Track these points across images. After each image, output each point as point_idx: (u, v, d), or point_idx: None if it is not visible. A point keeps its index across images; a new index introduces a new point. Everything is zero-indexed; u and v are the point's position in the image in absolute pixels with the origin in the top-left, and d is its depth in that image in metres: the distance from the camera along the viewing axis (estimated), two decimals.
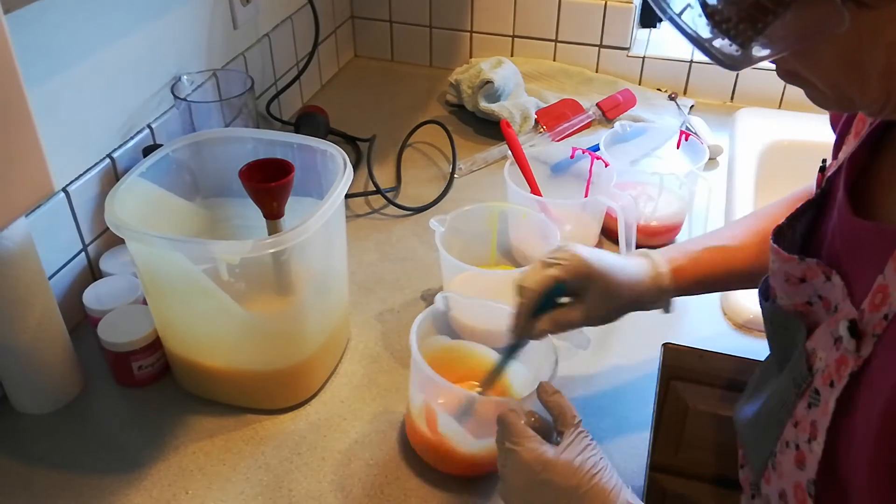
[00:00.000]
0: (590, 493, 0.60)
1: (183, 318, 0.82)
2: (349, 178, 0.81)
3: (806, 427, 0.55)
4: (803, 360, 0.56)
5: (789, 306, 0.60)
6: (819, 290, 0.57)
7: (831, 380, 0.52)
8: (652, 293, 0.74)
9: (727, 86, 1.45)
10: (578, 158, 1.08)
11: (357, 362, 0.92)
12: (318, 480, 0.78)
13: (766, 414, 0.61)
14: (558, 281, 0.69)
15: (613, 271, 0.71)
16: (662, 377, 0.93)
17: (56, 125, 0.87)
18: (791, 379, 0.58)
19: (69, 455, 0.80)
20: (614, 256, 0.73)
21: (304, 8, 1.38)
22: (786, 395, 0.58)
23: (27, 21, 0.80)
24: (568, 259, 0.69)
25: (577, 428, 0.64)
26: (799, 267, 0.57)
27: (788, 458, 0.57)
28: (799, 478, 0.55)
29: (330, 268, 0.87)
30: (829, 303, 0.56)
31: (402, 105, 1.46)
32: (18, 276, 0.76)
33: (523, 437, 0.63)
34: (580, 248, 0.71)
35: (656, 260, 0.75)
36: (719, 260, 0.76)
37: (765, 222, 0.78)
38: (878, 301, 0.49)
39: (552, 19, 1.48)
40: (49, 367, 0.83)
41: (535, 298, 0.69)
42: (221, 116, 1.05)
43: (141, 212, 0.79)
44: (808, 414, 0.55)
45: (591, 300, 0.70)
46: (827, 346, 0.54)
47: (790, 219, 0.61)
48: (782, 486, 0.58)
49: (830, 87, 0.48)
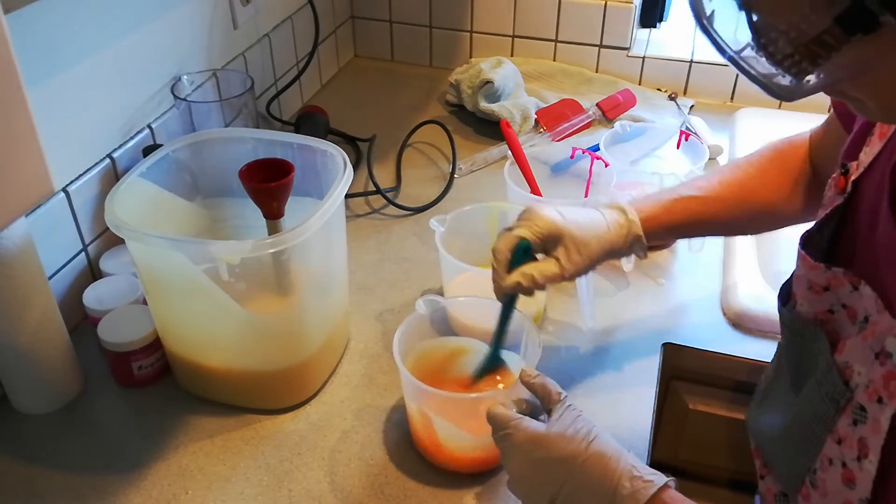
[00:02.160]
0: (589, 461, 0.61)
1: (183, 318, 0.82)
2: (349, 178, 0.81)
3: (853, 444, 0.54)
4: (835, 374, 0.55)
5: (809, 314, 0.60)
6: (843, 300, 0.56)
7: (878, 396, 0.52)
8: (622, 243, 0.76)
9: (727, 86, 1.45)
10: (578, 158, 1.08)
11: (357, 362, 0.92)
12: (318, 480, 0.78)
13: (799, 428, 0.61)
14: (522, 239, 0.72)
15: (580, 226, 0.73)
16: (662, 377, 0.93)
17: (56, 125, 0.87)
18: (824, 393, 0.57)
19: (69, 455, 0.80)
20: (583, 211, 0.76)
21: (304, 8, 1.38)
22: (819, 410, 0.57)
23: (27, 21, 0.80)
24: (534, 220, 0.72)
25: (563, 403, 0.66)
26: (824, 275, 0.57)
27: (834, 477, 0.55)
28: (849, 496, 0.54)
29: (330, 268, 0.87)
30: (854, 312, 0.55)
31: (402, 105, 1.46)
32: (18, 276, 0.76)
33: (512, 421, 0.65)
34: (546, 209, 0.73)
35: (627, 210, 0.77)
36: (693, 209, 0.79)
37: (737, 173, 0.81)
38: None
39: (552, 19, 1.48)
40: (49, 367, 0.83)
41: (504, 259, 0.72)
42: (221, 116, 1.05)
43: (141, 212, 0.79)
44: (853, 431, 0.54)
45: (563, 254, 0.72)
46: (866, 361, 0.53)
47: (819, 224, 0.61)
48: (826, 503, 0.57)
49: (882, 107, 0.48)
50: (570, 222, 0.73)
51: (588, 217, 0.75)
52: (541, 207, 0.74)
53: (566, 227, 0.72)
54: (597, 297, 0.99)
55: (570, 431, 0.62)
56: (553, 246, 0.73)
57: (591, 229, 0.74)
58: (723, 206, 0.79)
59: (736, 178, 0.80)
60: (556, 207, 0.74)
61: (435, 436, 0.76)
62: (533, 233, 0.72)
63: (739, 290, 0.98)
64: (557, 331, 0.96)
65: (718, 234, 0.86)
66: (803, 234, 0.61)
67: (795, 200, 0.80)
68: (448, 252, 0.89)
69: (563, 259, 0.72)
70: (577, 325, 0.97)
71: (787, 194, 0.80)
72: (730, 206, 0.79)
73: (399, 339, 0.76)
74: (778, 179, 0.80)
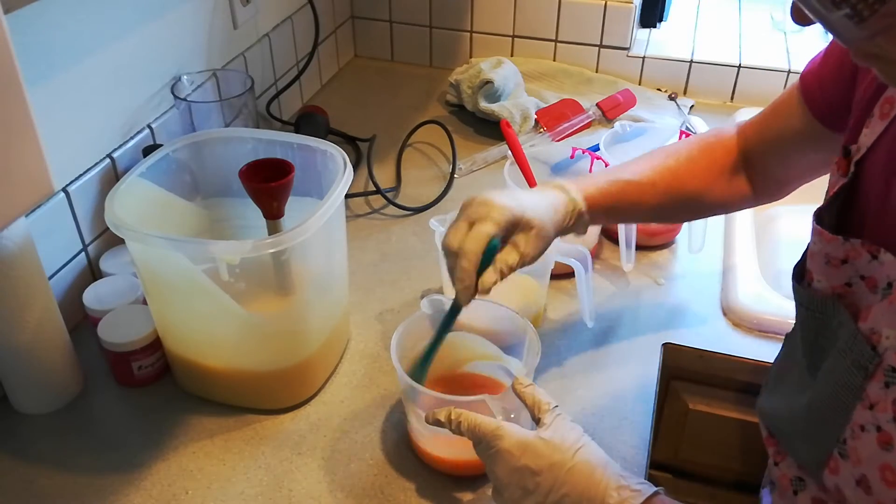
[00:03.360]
0: (575, 469, 0.60)
1: (183, 318, 0.82)
2: (349, 178, 0.81)
3: (887, 407, 0.54)
4: (861, 342, 0.56)
5: (827, 289, 0.60)
6: (861, 271, 0.57)
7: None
8: (568, 221, 0.77)
9: (727, 86, 1.45)
10: (578, 158, 1.08)
11: (357, 362, 0.92)
12: (318, 480, 0.78)
13: (824, 404, 0.60)
14: (492, 237, 0.70)
15: (534, 209, 0.73)
16: (662, 377, 0.93)
17: (56, 125, 0.87)
18: (850, 362, 0.57)
19: (69, 455, 0.80)
20: (531, 195, 0.75)
21: (304, 8, 1.38)
22: (846, 379, 0.57)
23: (27, 21, 0.80)
24: (494, 212, 0.70)
25: (553, 412, 0.65)
26: (842, 248, 0.57)
27: (868, 442, 0.55)
28: (886, 459, 0.54)
29: (330, 268, 0.87)
30: (874, 281, 0.56)
31: (402, 105, 1.46)
32: (18, 276, 0.76)
33: (500, 428, 0.64)
34: (498, 197, 0.71)
35: (568, 188, 0.78)
36: (628, 193, 0.80)
37: (668, 161, 0.83)
38: None
39: (552, 19, 1.48)
40: (49, 367, 0.83)
41: (477, 259, 0.69)
42: (221, 116, 1.05)
43: (141, 212, 0.79)
44: (886, 393, 0.54)
45: (522, 242, 0.71)
46: (894, 324, 0.53)
47: (830, 201, 0.61)
48: (861, 471, 0.56)
49: None
50: (526, 207, 0.72)
51: (537, 199, 0.75)
52: (494, 196, 0.72)
53: (523, 212, 0.71)
54: (597, 297, 0.99)
55: (558, 439, 0.62)
56: (512, 232, 0.72)
57: (544, 210, 0.74)
58: (654, 192, 0.81)
59: (667, 166, 0.82)
60: (508, 194, 0.72)
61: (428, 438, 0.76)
62: (500, 227, 0.70)
63: (739, 290, 0.98)
64: (557, 331, 0.96)
65: (648, 219, 0.88)
66: (816, 211, 0.61)
67: (722, 190, 0.83)
68: None
69: (522, 244, 0.71)
70: (578, 325, 0.97)
71: (713, 184, 0.83)
72: (661, 192, 0.81)
73: (397, 339, 0.76)
74: (706, 170, 0.83)
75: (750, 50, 1.47)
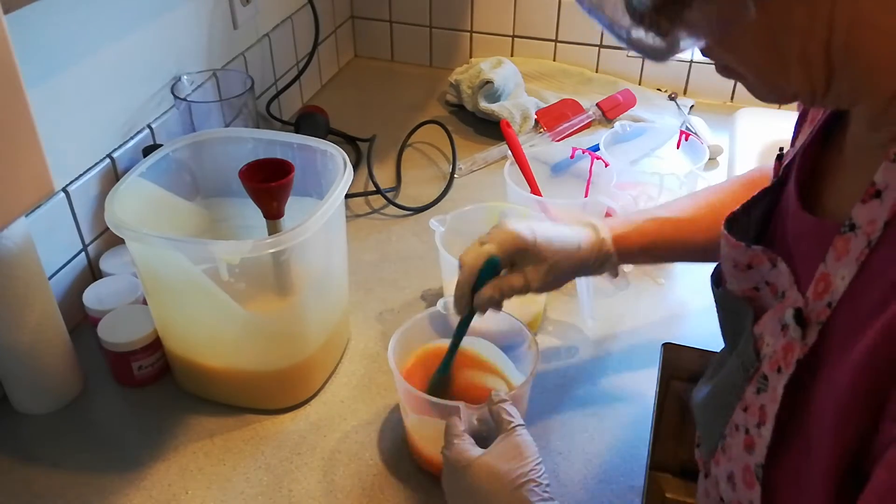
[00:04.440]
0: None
1: (183, 318, 0.82)
2: (349, 178, 0.81)
3: (755, 412, 0.56)
4: (751, 345, 0.57)
5: (738, 292, 0.61)
6: (766, 277, 0.58)
7: (779, 366, 0.54)
8: (593, 260, 0.76)
9: (727, 86, 1.45)
10: (578, 158, 1.08)
11: (357, 362, 0.92)
12: (318, 480, 0.78)
13: (717, 396, 0.62)
14: (491, 255, 0.72)
15: (550, 242, 0.74)
16: (662, 377, 0.93)
17: (56, 125, 0.87)
18: (740, 363, 0.59)
19: (69, 455, 0.80)
20: (555, 227, 0.76)
21: (304, 8, 1.38)
22: (735, 378, 0.59)
23: (27, 21, 0.80)
24: (502, 235, 0.73)
25: (508, 434, 0.65)
26: (746, 254, 0.58)
27: (738, 442, 0.57)
28: (747, 461, 0.56)
29: (330, 268, 0.87)
30: (776, 289, 0.57)
31: (402, 105, 1.46)
32: (18, 276, 0.76)
33: (454, 437, 0.65)
34: (514, 224, 0.74)
35: (598, 227, 0.77)
36: (666, 230, 0.79)
37: (716, 196, 0.81)
38: (821, 289, 0.50)
39: (552, 19, 1.48)
40: (49, 367, 0.83)
41: (472, 273, 0.73)
42: (221, 116, 1.05)
43: (141, 212, 0.79)
44: (756, 399, 0.56)
45: (528, 271, 0.73)
46: (774, 333, 0.55)
47: (745, 207, 0.62)
48: (731, 468, 0.58)
49: (758, 76, 0.50)
50: (541, 238, 0.73)
51: (560, 233, 0.75)
52: (511, 222, 0.74)
53: (535, 242, 0.73)
54: (597, 297, 0.99)
55: (504, 468, 0.62)
56: (521, 260, 0.73)
57: (562, 245, 0.74)
58: (695, 229, 0.79)
59: (709, 203, 0.81)
60: (528, 223, 0.74)
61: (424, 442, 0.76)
62: (502, 248, 0.73)
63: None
64: (557, 331, 0.96)
65: (691, 258, 0.84)
66: (728, 216, 0.62)
67: None
68: (448, 252, 0.89)
69: (529, 273, 0.73)
70: (577, 325, 0.97)
71: None
72: (702, 230, 0.79)
73: (396, 340, 0.77)
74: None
75: None
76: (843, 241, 0.48)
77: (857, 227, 0.48)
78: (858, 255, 0.47)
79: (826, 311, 0.50)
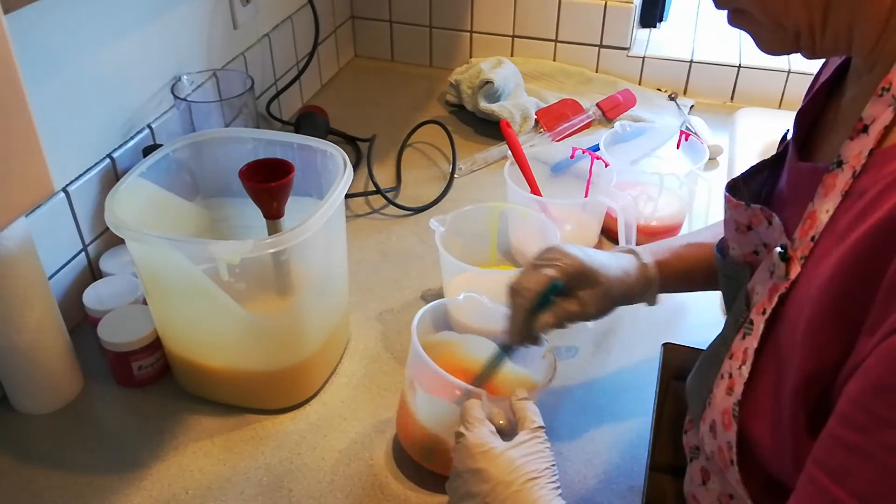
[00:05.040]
0: (518, 496, 0.60)
1: (183, 318, 0.82)
2: (349, 178, 0.81)
3: (739, 356, 0.57)
4: (743, 299, 0.59)
5: (739, 257, 0.62)
6: (763, 238, 0.59)
7: (764, 308, 0.55)
8: (639, 287, 0.76)
9: (727, 86, 1.45)
10: (578, 158, 1.08)
11: (357, 362, 0.92)
12: (318, 480, 0.78)
13: (707, 357, 0.63)
14: (555, 279, 0.70)
15: (605, 268, 0.72)
16: (662, 377, 0.93)
17: (56, 125, 0.87)
18: (733, 319, 0.60)
19: (69, 455, 0.80)
20: (603, 254, 0.75)
21: (304, 8, 1.38)
22: (726, 334, 0.60)
23: (27, 21, 0.80)
24: (563, 259, 0.71)
25: (533, 433, 0.65)
26: (745, 213, 0.59)
27: (721, 389, 0.58)
28: (727, 403, 0.57)
29: (330, 268, 0.87)
30: (771, 248, 0.58)
31: (402, 105, 1.46)
32: (18, 276, 0.76)
33: (476, 422, 0.65)
34: (572, 248, 0.72)
35: (642, 255, 0.77)
36: (703, 257, 0.78)
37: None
38: (807, 227, 0.52)
39: (552, 19, 1.48)
40: (49, 367, 0.83)
41: (533, 299, 0.70)
42: (221, 116, 1.05)
43: (141, 212, 0.79)
44: (742, 343, 0.57)
45: (586, 297, 0.71)
46: (763, 281, 0.56)
47: (745, 175, 0.63)
48: (713, 416, 0.59)
49: (762, 10, 0.50)
50: (596, 263, 0.72)
51: (609, 260, 0.74)
52: (567, 246, 0.72)
53: (592, 267, 0.71)
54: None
55: (520, 461, 0.62)
56: (576, 286, 0.71)
57: (613, 271, 0.73)
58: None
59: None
60: (580, 247, 0.73)
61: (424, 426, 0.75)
62: (565, 273, 0.70)
63: None
64: (557, 331, 0.96)
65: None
66: (728, 182, 0.63)
67: None
68: (448, 252, 0.89)
69: (588, 300, 0.71)
70: (577, 325, 0.96)
71: None
72: None
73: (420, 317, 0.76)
74: None
75: (750, 50, 1.46)
76: (832, 177, 0.50)
77: (844, 163, 0.49)
78: (843, 187, 0.49)
79: (809, 245, 0.51)
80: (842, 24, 0.49)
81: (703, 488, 0.66)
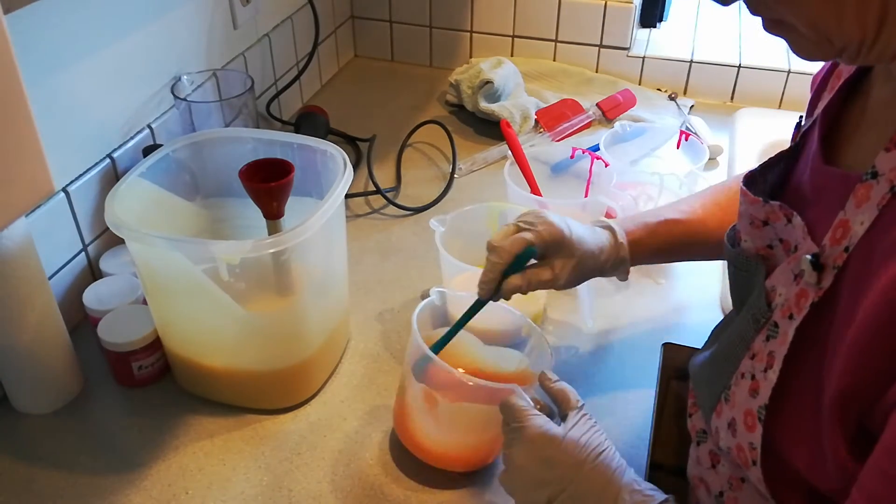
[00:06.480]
0: (594, 471, 0.62)
1: (183, 318, 0.82)
2: (349, 178, 0.81)
3: (763, 358, 0.57)
4: (762, 298, 0.59)
5: (752, 249, 0.63)
6: (780, 234, 0.59)
7: (790, 312, 0.55)
8: (610, 264, 0.78)
9: (727, 86, 1.45)
10: (578, 158, 1.08)
11: (357, 362, 0.92)
12: (318, 480, 0.78)
13: (723, 352, 0.63)
14: (530, 244, 0.72)
15: (582, 242, 0.74)
16: (662, 377, 0.93)
17: (56, 125, 0.87)
18: (750, 316, 0.60)
19: (69, 455, 0.80)
20: (581, 225, 0.76)
21: (304, 8, 1.38)
22: (744, 331, 0.60)
23: (27, 21, 0.80)
24: (541, 225, 0.73)
25: (580, 410, 0.67)
26: (763, 209, 0.59)
27: (743, 389, 0.59)
28: (750, 405, 0.57)
29: (330, 268, 0.87)
30: (789, 245, 0.58)
31: (402, 105, 1.46)
32: (18, 276, 0.76)
33: (529, 415, 0.66)
34: (551, 216, 0.74)
35: (617, 231, 0.78)
36: (677, 232, 0.80)
37: (718, 197, 0.82)
38: (839, 235, 0.52)
39: (552, 19, 1.48)
40: (49, 367, 0.83)
41: (508, 259, 0.72)
42: (221, 116, 1.05)
43: (141, 212, 0.79)
44: (765, 346, 0.57)
45: (559, 266, 0.73)
46: (787, 283, 0.56)
47: (763, 167, 0.63)
48: (732, 414, 0.59)
49: (810, 27, 0.49)
50: (575, 235, 0.74)
51: (587, 234, 0.76)
52: (550, 213, 0.74)
53: (570, 239, 0.73)
54: (597, 297, 0.99)
55: (584, 439, 0.64)
56: (551, 253, 0.73)
57: (589, 247, 0.75)
58: (704, 229, 0.80)
59: (717, 202, 0.82)
60: (563, 217, 0.74)
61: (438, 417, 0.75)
62: (542, 239, 0.72)
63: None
64: (557, 331, 0.96)
65: (701, 257, 0.85)
66: (746, 174, 0.63)
67: None
68: (448, 252, 0.89)
69: (558, 268, 0.73)
70: (577, 325, 0.97)
71: None
72: (711, 229, 0.80)
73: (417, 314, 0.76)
74: None
75: (750, 50, 1.47)
76: (865, 188, 0.50)
77: (880, 175, 0.49)
78: (879, 201, 0.49)
79: (843, 256, 0.51)
80: (893, 38, 0.48)
81: (713, 471, 0.67)
